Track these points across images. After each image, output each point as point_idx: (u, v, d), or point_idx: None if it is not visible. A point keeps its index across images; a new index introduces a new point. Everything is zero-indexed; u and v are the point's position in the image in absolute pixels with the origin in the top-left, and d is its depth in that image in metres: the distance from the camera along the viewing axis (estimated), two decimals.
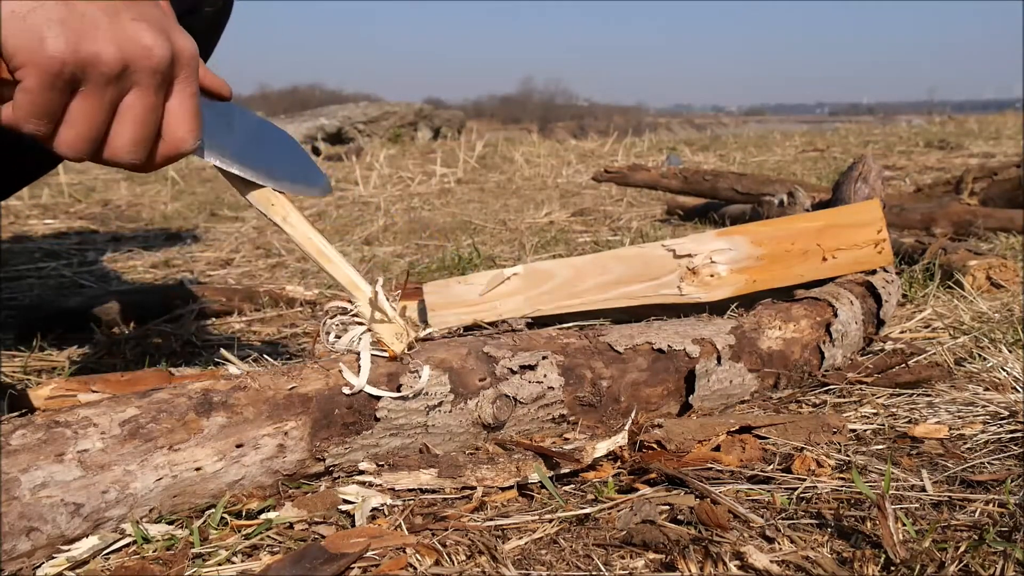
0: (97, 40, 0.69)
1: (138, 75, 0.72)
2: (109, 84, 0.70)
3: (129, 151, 0.74)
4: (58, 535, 0.66)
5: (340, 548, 0.68)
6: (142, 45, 0.71)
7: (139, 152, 0.74)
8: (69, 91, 0.70)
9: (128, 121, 0.73)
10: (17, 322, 1.56)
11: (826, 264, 1.27)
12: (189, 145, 0.77)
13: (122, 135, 0.73)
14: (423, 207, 3.41)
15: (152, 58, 0.71)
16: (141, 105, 0.73)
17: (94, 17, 0.69)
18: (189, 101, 0.76)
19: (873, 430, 0.97)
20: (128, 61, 0.70)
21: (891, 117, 12.83)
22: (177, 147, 0.76)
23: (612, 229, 2.76)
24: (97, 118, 0.71)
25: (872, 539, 0.70)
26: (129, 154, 0.74)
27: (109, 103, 0.72)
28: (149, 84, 0.72)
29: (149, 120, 0.74)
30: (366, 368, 0.84)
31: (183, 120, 0.76)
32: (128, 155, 0.74)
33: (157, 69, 0.72)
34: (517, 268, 1.14)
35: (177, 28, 0.75)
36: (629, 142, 6.17)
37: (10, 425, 0.68)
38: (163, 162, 0.77)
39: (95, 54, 0.69)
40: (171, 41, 0.73)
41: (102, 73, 0.69)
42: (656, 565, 0.68)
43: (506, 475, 0.82)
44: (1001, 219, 2.17)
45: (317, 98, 36.72)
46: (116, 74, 0.70)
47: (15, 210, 3.22)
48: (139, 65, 0.71)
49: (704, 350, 1.03)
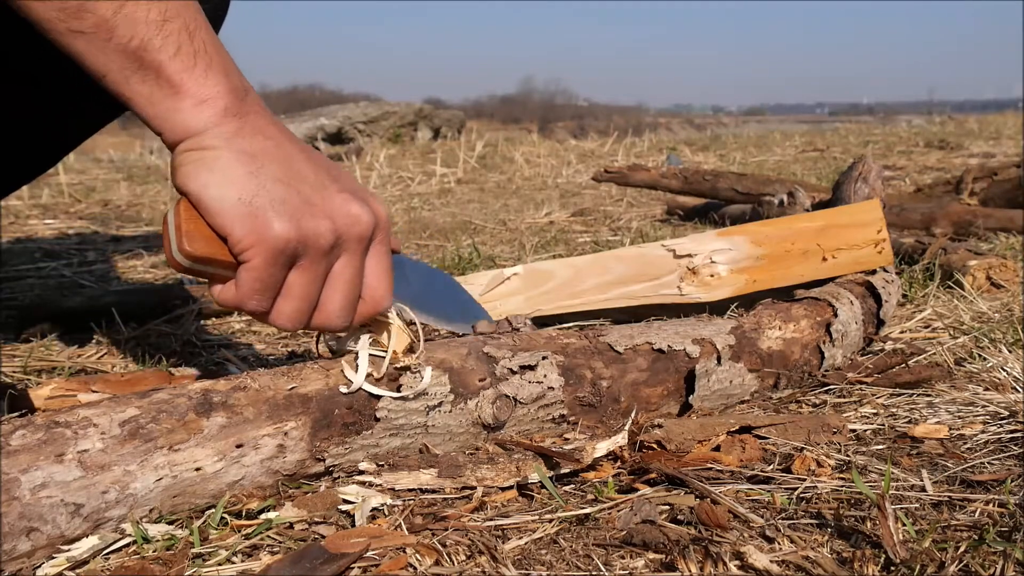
0: (315, 216, 0.74)
1: (348, 243, 0.76)
2: (325, 255, 0.75)
3: (339, 316, 0.78)
4: (58, 535, 0.66)
5: (340, 548, 0.68)
6: (351, 215, 0.76)
7: (348, 315, 0.79)
8: (289, 266, 0.75)
9: (338, 287, 0.77)
10: (17, 322, 1.56)
11: (826, 264, 1.27)
12: (387, 302, 0.82)
13: (333, 301, 0.78)
14: (423, 207, 3.41)
15: (360, 226, 0.76)
16: (350, 270, 0.78)
17: (308, 195, 0.74)
18: (385, 260, 0.81)
19: (873, 430, 0.97)
20: (340, 231, 0.75)
21: (891, 117, 12.82)
22: (377, 305, 0.81)
23: (612, 229, 2.76)
24: (314, 288, 0.76)
25: (872, 539, 0.70)
26: (339, 319, 0.78)
27: (323, 273, 0.76)
28: (356, 250, 0.77)
29: (356, 284, 0.78)
30: (363, 367, 0.84)
31: (381, 279, 0.81)
32: (339, 320, 0.79)
33: (364, 236, 0.77)
34: (517, 268, 1.15)
35: (372, 194, 0.80)
36: (629, 142, 6.16)
37: (10, 425, 0.68)
38: (360, 322, 0.82)
39: (314, 230, 0.74)
40: (371, 208, 0.78)
41: (320, 247, 0.74)
42: (656, 565, 0.68)
43: (506, 475, 0.82)
44: (1001, 219, 2.17)
45: (317, 98, 36.73)
46: (332, 246, 0.75)
47: (15, 210, 3.22)
48: (350, 234, 0.76)
49: (704, 350, 1.03)
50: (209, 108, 0.72)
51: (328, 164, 0.79)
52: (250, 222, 0.72)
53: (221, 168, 0.72)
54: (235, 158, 0.72)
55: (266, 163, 0.73)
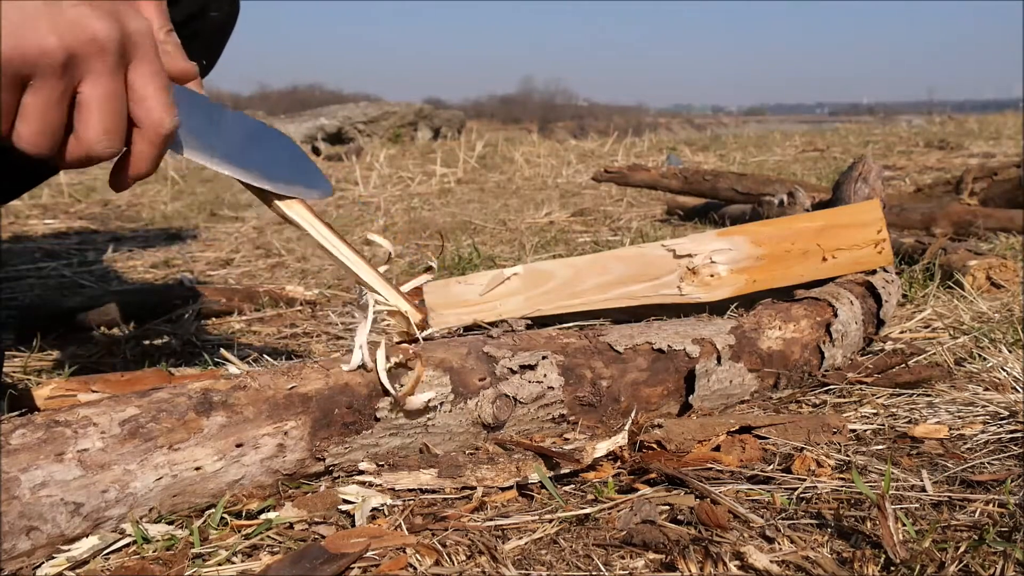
0: (38, 32, 0.67)
1: (88, 62, 0.69)
2: (57, 75, 0.68)
3: (100, 141, 0.71)
4: (58, 534, 0.66)
5: (340, 548, 0.68)
6: (87, 31, 0.68)
7: (112, 141, 0.72)
8: (19, 87, 0.68)
9: (89, 111, 0.70)
10: (17, 322, 1.56)
11: (826, 264, 1.27)
12: (168, 124, 0.73)
13: (87, 126, 0.71)
14: (423, 207, 3.41)
15: (98, 42, 0.69)
16: (99, 92, 0.70)
17: (32, 9, 0.67)
18: (153, 79, 0.73)
19: (873, 430, 0.97)
20: (73, 49, 0.68)
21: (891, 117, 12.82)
22: (156, 129, 0.73)
23: (612, 229, 2.76)
24: (51, 110, 0.69)
25: (872, 539, 0.70)
26: (101, 144, 0.71)
27: (61, 94, 0.69)
28: (102, 70, 0.70)
29: (111, 107, 0.71)
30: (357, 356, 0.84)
31: (151, 99, 0.73)
32: (100, 145, 0.71)
33: (106, 50, 0.69)
34: (517, 268, 1.14)
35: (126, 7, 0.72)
36: (629, 142, 6.17)
37: (10, 425, 0.68)
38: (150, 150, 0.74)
39: (37, 46, 0.67)
40: (120, 22, 0.71)
41: (48, 65, 0.67)
42: (656, 565, 0.68)
43: (506, 475, 0.82)
44: (1001, 219, 2.17)
45: (317, 98, 36.71)
46: (62, 64, 0.68)
47: (15, 210, 3.22)
48: (86, 51, 0.69)
49: (704, 350, 1.03)
50: None
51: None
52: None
53: None
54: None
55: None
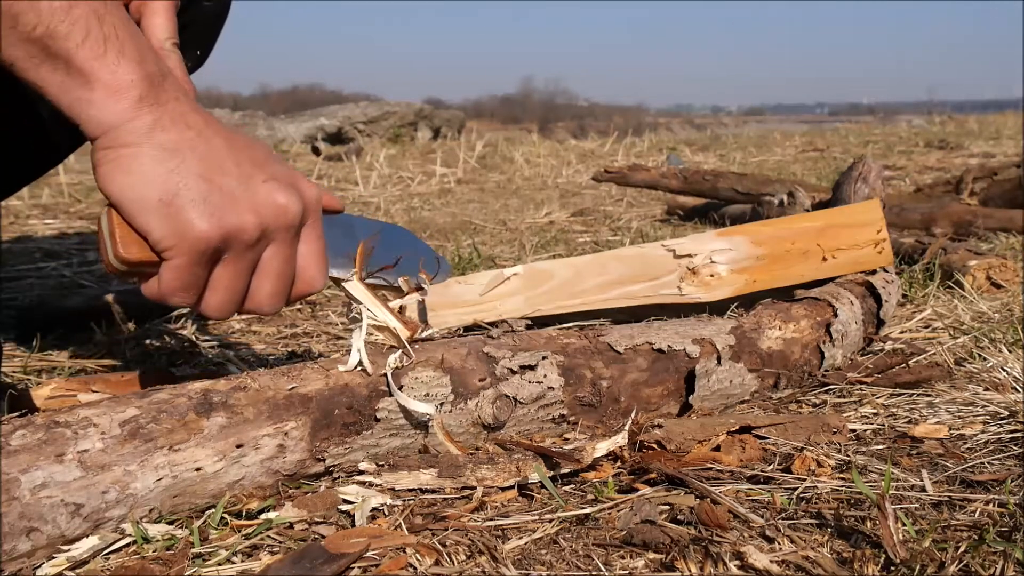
0: (238, 212, 0.72)
1: (275, 233, 0.75)
2: (250, 249, 0.74)
3: (270, 303, 0.78)
4: (58, 535, 0.66)
5: (340, 548, 0.68)
6: (277, 206, 0.74)
7: (279, 302, 0.79)
8: (213, 262, 0.74)
9: (268, 276, 0.77)
10: (17, 322, 1.56)
11: (826, 264, 1.27)
12: (320, 285, 0.81)
13: (263, 289, 0.77)
14: (423, 207, 3.41)
15: (287, 216, 0.75)
16: (279, 260, 0.77)
17: (231, 188, 0.73)
18: (317, 243, 0.80)
19: (873, 430, 0.97)
20: (266, 223, 0.74)
21: (891, 117, 12.81)
22: (310, 288, 0.81)
23: (612, 229, 2.76)
24: (240, 281, 0.76)
25: (872, 539, 0.70)
26: (270, 306, 0.78)
27: (250, 266, 0.76)
28: (285, 239, 0.76)
29: (287, 272, 0.78)
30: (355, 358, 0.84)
31: (314, 262, 0.80)
32: (269, 307, 0.78)
33: (292, 225, 0.76)
34: (517, 268, 1.14)
35: (300, 177, 0.79)
36: (629, 142, 6.16)
37: (10, 425, 0.68)
38: (295, 301, 0.82)
39: (237, 226, 0.72)
40: (300, 193, 0.77)
41: (244, 242, 0.73)
42: (656, 565, 0.68)
43: (506, 475, 0.82)
44: (1001, 219, 2.17)
45: (317, 98, 36.71)
46: (256, 238, 0.74)
47: (15, 210, 3.22)
48: (277, 225, 0.75)
49: (704, 350, 1.03)
50: (123, 98, 0.69)
51: (255, 150, 0.77)
52: (170, 222, 0.70)
53: (139, 168, 0.69)
54: (154, 155, 0.70)
55: (187, 158, 0.71)
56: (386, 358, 0.86)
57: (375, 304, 0.89)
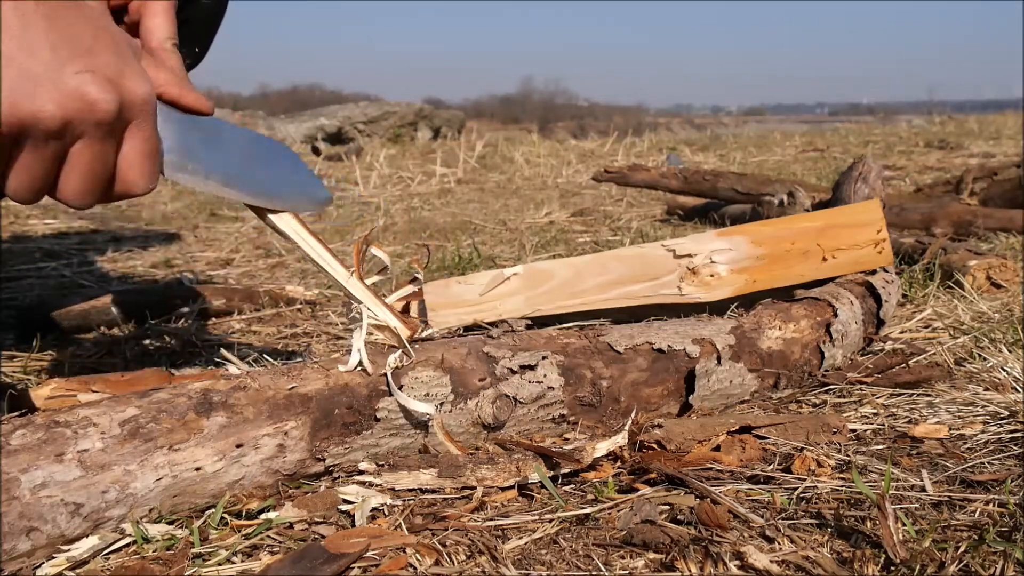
0: (37, 98, 0.69)
1: (83, 127, 0.71)
2: (50, 139, 0.70)
3: (77, 197, 0.74)
4: (58, 535, 0.66)
5: (340, 548, 0.68)
6: (86, 99, 0.70)
7: (88, 197, 0.75)
8: (12, 143, 0.70)
9: (75, 170, 0.73)
10: (17, 322, 1.56)
11: (826, 264, 1.27)
12: (140, 189, 0.77)
13: (69, 183, 0.73)
14: (423, 207, 3.41)
15: (96, 112, 0.71)
16: (87, 156, 0.73)
17: (35, 74, 0.69)
18: (142, 145, 0.75)
19: (873, 430, 0.97)
20: (69, 117, 0.70)
21: (891, 117, 12.81)
22: (128, 190, 0.77)
23: (612, 229, 2.76)
24: (40, 169, 0.72)
25: (872, 539, 0.70)
26: (77, 199, 0.74)
27: (52, 155, 0.72)
28: (95, 135, 0.72)
29: (96, 170, 0.74)
30: (355, 357, 0.84)
31: (135, 165, 0.76)
32: (76, 200, 0.74)
33: (102, 121, 0.72)
34: (517, 268, 1.14)
35: (131, 72, 0.74)
36: (629, 142, 6.16)
37: (10, 425, 0.68)
38: (117, 199, 0.78)
39: (33, 113, 0.68)
40: (120, 90, 0.72)
41: (42, 130, 0.69)
42: (656, 565, 0.68)
43: (506, 475, 0.82)
44: (1001, 219, 2.17)
45: (317, 98, 36.70)
46: (57, 130, 0.70)
47: (15, 210, 3.22)
48: (82, 119, 0.71)
49: (704, 350, 1.03)
50: None
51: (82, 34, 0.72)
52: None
53: None
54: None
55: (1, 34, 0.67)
56: (386, 358, 0.86)
57: (375, 303, 0.89)
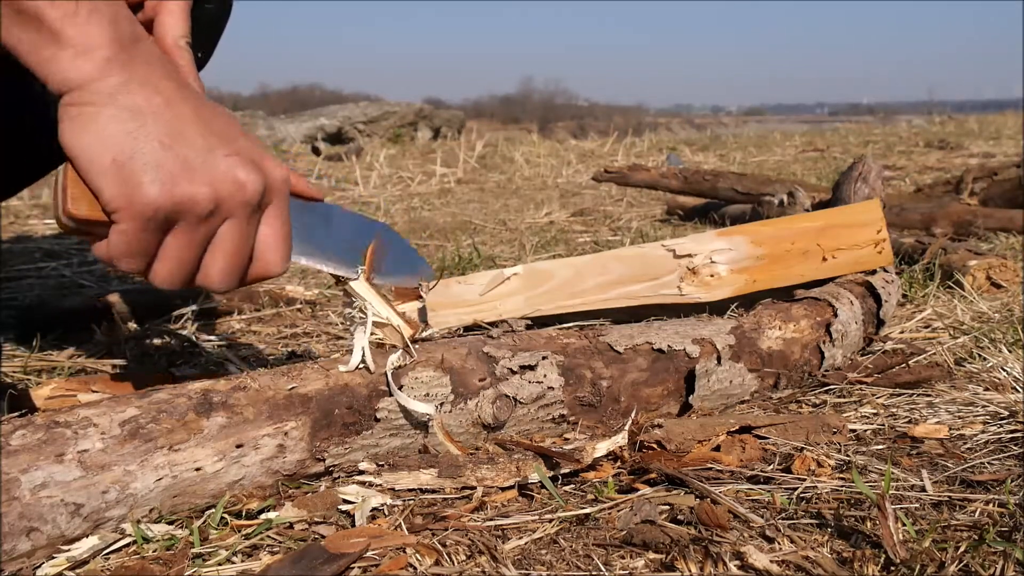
0: (192, 182, 0.71)
1: (231, 209, 0.74)
2: (202, 222, 0.73)
3: (221, 280, 0.77)
4: (58, 535, 0.66)
5: (340, 548, 0.68)
6: (236, 181, 0.73)
7: (231, 280, 0.77)
8: (163, 230, 0.72)
9: (221, 252, 0.76)
10: (17, 322, 1.56)
11: (826, 264, 1.27)
12: (278, 270, 0.80)
13: (215, 265, 0.76)
14: (423, 207, 3.41)
15: (245, 193, 0.74)
16: (234, 237, 0.75)
17: (189, 158, 0.71)
18: (280, 227, 0.78)
19: (873, 430, 0.97)
20: (221, 200, 0.73)
21: (891, 117, 12.82)
22: (267, 271, 0.79)
23: (612, 229, 2.76)
24: (190, 253, 0.74)
25: (872, 539, 0.70)
26: (221, 283, 0.77)
27: (202, 239, 0.74)
28: (242, 216, 0.75)
29: (242, 251, 0.76)
30: (357, 356, 0.84)
31: (274, 246, 0.78)
32: (220, 284, 0.77)
33: (250, 203, 0.75)
34: (517, 268, 1.14)
35: (269, 157, 0.77)
36: (629, 142, 6.16)
37: (10, 425, 0.68)
38: (252, 282, 0.80)
39: (190, 197, 0.71)
40: (263, 172, 0.76)
41: (196, 213, 0.72)
42: (656, 565, 0.68)
43: (506, 475, 0.82)
44: (1001, 219, 2.17)
45: (317, 98, 36.68)
46: (209, 212, 0.73)
47: (15, 210, 3.22)
48: (233, 201, 0.74)
49: (704, 350, 1.03)
50: (91, 58, 0.68)
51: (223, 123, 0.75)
52: (121, 185, 0.69)
53: (98, 127, 0.69)
54: (115, 116, 0.69)
55: (148, 122, 0.70)
56: (386, 358, 0.86)
57: (381, 302, 0.89)
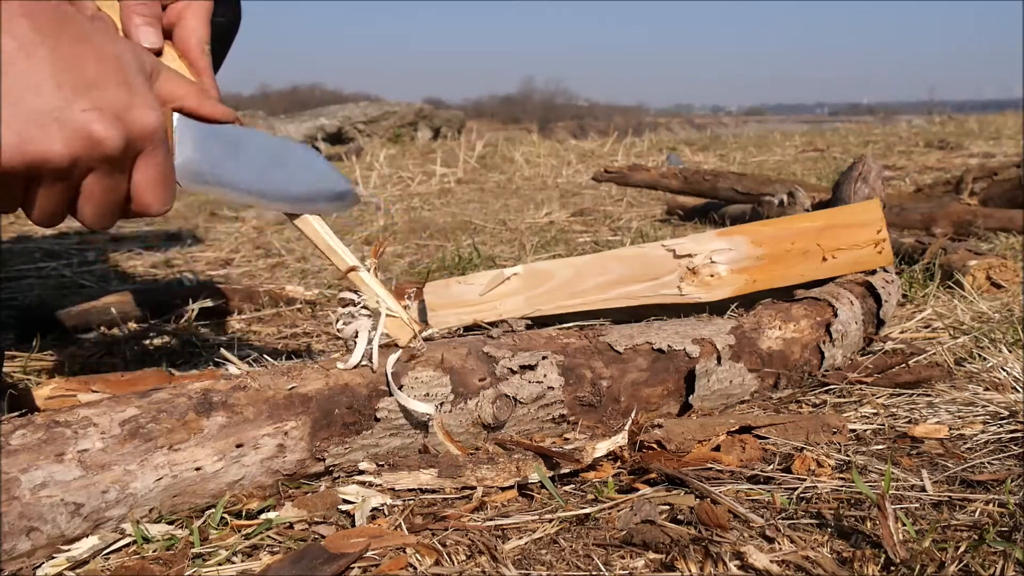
0: (45, 139, 0.70)
1: (91, 164, 0.73)
2: (60, 177, 0.72)
3: (94, 223, 0.77)
4: (58, 535, 0.66)
5: (340, 548, 0.68)
6: (91, 137, 0.71)
7: (105, 221, 0.77)
8: (26, 181, 0.72)
9: (89, 200, 0.75)
10: (17, 322, 1.56)
11: (826, 264, 1.27)
12: (155, 210, 0.79)
13: (86, 210, 0.76)
14: (423, 207, 3.41)
15: (103, 148, 0.72)
16: (99, 187, 0.75)
17: (42, 115, 0.70)
18: (153, 172, 0.77)
19: (873, 430, 0.97)
20: (77, 156, 0.71)
21: (891, 117, 12.81)
22: (146, 212, 0.79)
23: (612, 229, 2.76)
24: (55, 202, 0.74)
25: (872, 539, 0.70)
26: (94, 224, 0.77)
27: (64, 190, 0.74)
28: (103, 169, 0.74)
29: (109, 199, 0.76)
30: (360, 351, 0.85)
31: (148, 191, 0.78)
32: (94, 226, 0.77)
33: (109, 156, 0.73)
34: (517, 268, 1.14)
35: (139, 102, 0.75)
36: (629, 142, 6.16)
37: (10, 425, 0.68)
38: (136, 217, 0.81)
39: (42, 154, 0.70)
40: (127, 124, 0.74)
41: (52, 169, 0.71)
42: (656, 565, 0.68)
43: (506, 475, 0.82)
44: (1001, 219, 2.17)
45: (317, 98, 36.67)
46: (66, 168, 0.72)
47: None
48: (90, 157, 0.72)
49: (704, 350, 1.03)
50: None
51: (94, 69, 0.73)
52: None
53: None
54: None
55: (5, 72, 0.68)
56: (386, 357, 0.86)
57: (390, 298, 0.88)
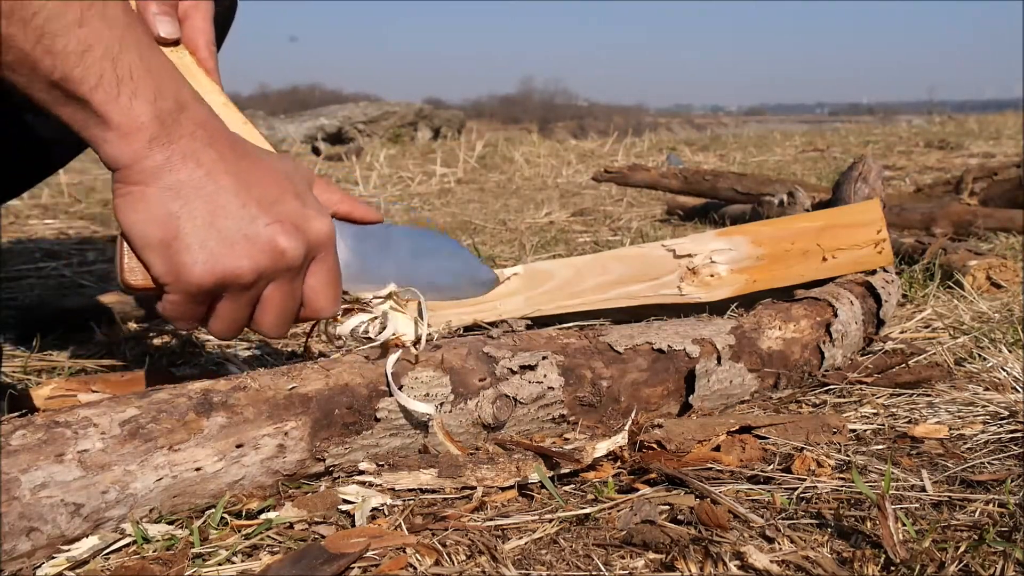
0: (234, 256, 0.76)
1: (274, 275, 0.79)
2: (247, 289, 0.78)
3: (272, 330, 0.83)
4: (58, 535, 0.66)
5: (340, 548, 0.68)
6: (276, 250, 0.78)
7: (282, 329, 0.84)
8: (212, 298, 0.78)
9: (269, 309, 0.81)
10: (17, 322, 1.56)
11: (826, 264, 1.27)
12: (326, 312, 0.86)
13: (265, 319, 0.82)
14: (423, 207, 3.41)
15: (286, 259, 0.78)
16: (280, 296, 0.81)
17: (230, 233, 0.76)
18: (326, 275, 0.84)
19: (873, 430, 0.97)
20: (263, 269, 0.78)
21: (891, 117, 12.82)
22: (317, 315, 0.85)
23: (612, 229, 2.76)
24: (240, 314, 0.80)
25: (872, 539, 0.70)
26: (272, 333, 0.83)
27: (248, 302, 0.80)
28: (285, 278, 0.80)
29: (288, 306, 0.82)
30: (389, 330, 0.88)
31: (321, 294, 0.84)
32: (272, 333, 0.83)
33: (291, 267, 0.79)
34: (517, 268, 1.14)
35: (313, 212, 0.81)
36: (629, 142, 6.16)
37: (10, 425, 0.68)
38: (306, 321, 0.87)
39: (232, 271, 0.76)
40: (305, 234, 0.80)
41: (239, 285, 0.77)
42: (656, 565, 0.68)
43: (506, 475, 0.82)
44: (1001, 219, 2.17)
45: (317, 98, 36.66)
46: (252, 282, 0.78)
47: (15, 210, 3.22)
48: (275, 268, 0.78)
49: (704, 350, 1.03)
50: (135, 139, 0.72)
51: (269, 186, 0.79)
52: (167, 263, 0.75)
53: (145, 208, 0.74)
54: (159, 196, 0.74)
55: (190, 200, 0.74)
56: (387, 357, 0.86)
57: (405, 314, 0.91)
